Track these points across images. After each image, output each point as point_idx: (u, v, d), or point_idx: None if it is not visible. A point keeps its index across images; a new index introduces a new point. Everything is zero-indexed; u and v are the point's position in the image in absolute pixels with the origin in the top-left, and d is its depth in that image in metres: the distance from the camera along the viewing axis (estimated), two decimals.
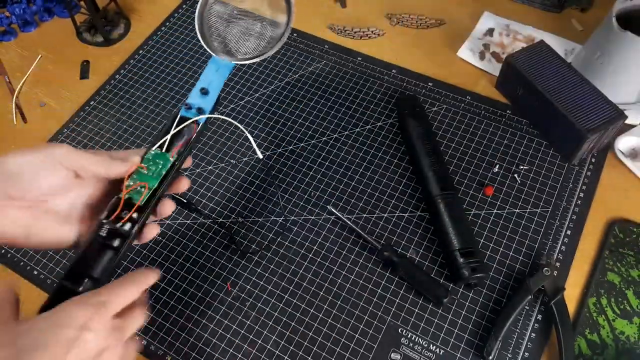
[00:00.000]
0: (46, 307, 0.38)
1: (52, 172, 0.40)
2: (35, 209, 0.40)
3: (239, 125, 0.54)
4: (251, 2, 0.56)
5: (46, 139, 0.70)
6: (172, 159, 0.47)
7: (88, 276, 0.41)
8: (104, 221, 0.43)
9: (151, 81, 0.74)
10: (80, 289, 0.40)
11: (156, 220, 0.47)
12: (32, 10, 0.83)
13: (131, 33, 0.81)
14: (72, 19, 0.80)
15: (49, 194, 0.41)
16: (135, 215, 0.44)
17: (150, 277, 0.40)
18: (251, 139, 0.50)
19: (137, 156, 0.45)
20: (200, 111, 0.50)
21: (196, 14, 0.55)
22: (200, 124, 0.49)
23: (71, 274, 0.41)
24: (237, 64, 0.54)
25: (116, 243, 0.43)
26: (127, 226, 0.43)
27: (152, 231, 0.45)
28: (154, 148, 0.47)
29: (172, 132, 0.48)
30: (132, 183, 0.45)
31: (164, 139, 0.47)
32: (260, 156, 0.52)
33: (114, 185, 0.46)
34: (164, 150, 0.47)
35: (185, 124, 0.49)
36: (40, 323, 0.33)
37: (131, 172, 0.45)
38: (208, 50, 0.54)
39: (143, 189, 0.45)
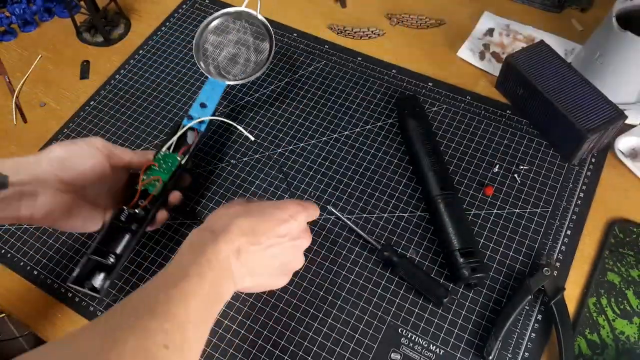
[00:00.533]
0: (77, 278, 0.47)
1: (93, 159, 0.47)
2: (77, 194, 0.47)
3: (225, 120, 0.63)
4: (238, 33, 0.68)
5: (46, 139, 0.70)
6: (179, 158, 0.56)
7: (112, 252, 0.50)
8: (124, 207, 0.51)
9: (151, 81, 0.74)
10: (107, 262, 0.49)
11: (169, 208, 0.56)
12: (32, 10, 0.83)
13: (131, 33, 0.81)
14: (72, 19, 0.80)
15: (88, 180, 0.47)
16: (149, 204, 0.52)
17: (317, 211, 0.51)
18: (239, 127, 0.61)
19: (151, 154, 0.55)
20: (201, 122, 0.60)
21: (193, 42, 0.65)
22: (200, 132, 0.59)
23: (98, 250, 0.49)
24: (229, 84, 0.63)
25: (134, 226, 0.52)
26: (143, 212, 0.52)
27: (163, 216, 0.54)
28: (163, 149, 0.56)
29: (178, 133, 0.58)
30: (145, 177, 0.54)
31: (171, 141, 0.57)
32: (252, 138, 0.62)
33: (131, 181, 0.55)
34: (164, 149, 0.56)
35: (185, 127, 0.59)
36: (267, 204, 0.46)
37: (146, 168, 0.54)
38: (204, 72, 0.64)
39: (157, 182, 0.54)
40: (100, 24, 0.78)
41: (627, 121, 0.60)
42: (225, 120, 0.62)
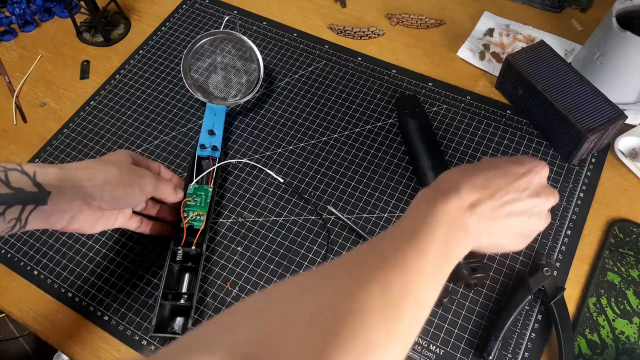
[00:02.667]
0: (157, 325, 0.50)
1: (139, 202, 0.50)
2: (108, 213, 0.50)
3: (255, 164, 0.63)
4: (224, 56, 0.71)
5: (46, 139, 0.70)
6: (210, 189, 0.58)
7: (180, 293, 0.53)
8: (179, 247, 0.53)
9: (151, 81, 0.74)
10: (178, 302, 0.52)
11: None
12: (32, 10, 0.83)
13: (131, 33, 0.81)
14: (72, 19, 0.80)
15: (124, 208, 0.51)
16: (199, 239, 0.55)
17: None
18: (271, 173, 0.62)
19: (181, 193, 0.56)
20: (214, 149, 0.62)
21: (182, 73, 0.67)
22: (217, 159, 0.61)
23: (167, 293, 0.52)
24: (228, 107, 0.66)
25: (191, 263, 0.54)
26: (195, 249, 0.54)
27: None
28: (192, 184, 0.58)
29: (213, 168, 0.60)
30: (186, 214, 0.56)
31: (200, 176, 0.59)
32: (281, 180, 0.62)
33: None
34: (193, 183, 0.58)
35: (221, 163, 0.62)
36: (500, 159, 0.43)
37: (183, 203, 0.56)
38: (201, 99, 0.66)
39: (199, 217, 0.56)
40: (100, 24, 0.78)
41: (627, 121, 0.60)
42: (255, 164, 0.64)
